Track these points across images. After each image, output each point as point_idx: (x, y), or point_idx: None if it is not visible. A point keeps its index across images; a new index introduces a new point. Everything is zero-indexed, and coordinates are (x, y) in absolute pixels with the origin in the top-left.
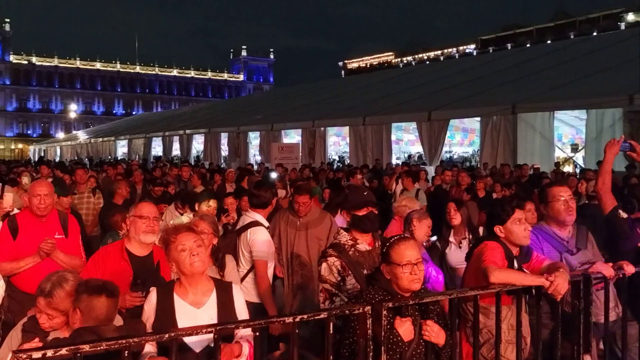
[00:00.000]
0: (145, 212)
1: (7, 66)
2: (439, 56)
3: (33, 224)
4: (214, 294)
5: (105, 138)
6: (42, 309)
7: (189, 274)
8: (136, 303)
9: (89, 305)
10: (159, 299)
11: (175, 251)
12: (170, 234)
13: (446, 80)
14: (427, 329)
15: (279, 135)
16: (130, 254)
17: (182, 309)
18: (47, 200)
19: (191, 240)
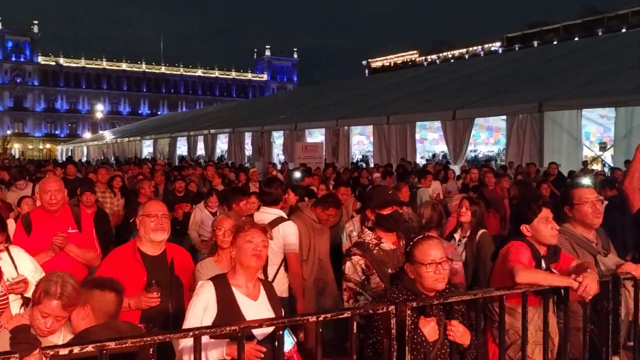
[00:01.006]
0: (153, 210)
1: (36, 67)
2: (463, 54)
3: (46, 220)
4: (262, 289)
5: (131, 138)
6: (52, 312)
7: (245, 266)
8: (152, 304)
9: (100, 300)
10: (218, 291)
11: (242, 239)
12: (246, 224)
13: (471, 79)
14: (451, 329)
15: (303, 134)
16: (143, 254)
17: (242, 301)
18: (58, 196)
19: (260, 238)
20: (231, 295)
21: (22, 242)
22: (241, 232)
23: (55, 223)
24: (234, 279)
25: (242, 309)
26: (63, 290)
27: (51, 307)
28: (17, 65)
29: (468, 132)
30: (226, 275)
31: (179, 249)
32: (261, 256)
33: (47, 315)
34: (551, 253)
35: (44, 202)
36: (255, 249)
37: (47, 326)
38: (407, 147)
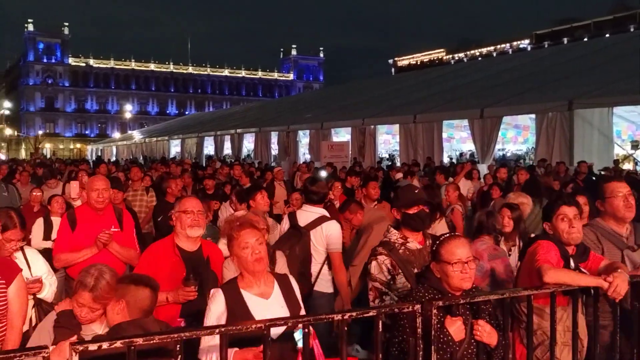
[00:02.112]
0: (189, 207)
1: (66, 68)
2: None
3: (91, 217)
4: (276, 285)
5: (159, 138)
6: (85, 302)
7: (251, 272)
8: (190, 297)
9: (135, 296)
10: (227, 296)
11: (238, 248)
12: (233, 230)
13: (499, 77)
14: (478, 328)
15: (329, 133)
16: (181, 249)
17: (252, 301)
18: (105, 194)
19: (253, 238)
20: (240, 299)
21: (66, 238)
22: (233, 240)
23: (99, 221)
24: (242, 282)
25: (252, 309)
26: (96, 283)
27: (84, 298)
28: (48, 67)
29: (496, 130)
30: (236, 279)
31: (212, 245)
32: (262, 258)
33: (81, 305)
34: (580, 252)
35: (91, 199)
36: (254, 254)
37: (82, 315)
38: (433, 146)
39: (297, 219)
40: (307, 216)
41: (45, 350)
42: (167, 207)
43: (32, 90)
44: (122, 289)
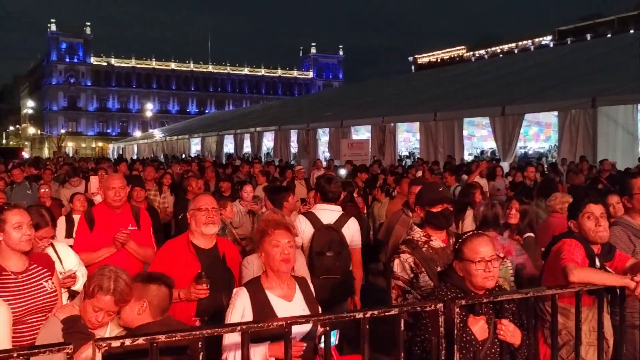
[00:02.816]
0: (203, 204)
1: (88, 68)
2: (513, 49)
3: (108, 216)
4: (298, 288)
5: (179, 136)
6: (105, 306)
7: (276, 271)
8: (201, 295)
9: (158, 296)
10: (252, 296)
11: (268, 244)
12: (269, 226)
13: (521, 74)
14: (502, 328)
15: (349, 131)
16: (196, 247)
17: (276, 303)
18: (122, 193)
19: (286, 240)
20: (265, 299)
21: (85, 237)
22: (266, 236)
23: (116, 219)
24: (267, 282)
25: (277, 311)
26: (116, 286)
27: (104, 302)
28: (71, 66)
29: (518, 128)
30: (260, 279)
31: (228, 242)
32: (290, 259)
33: (99, 310)
34: (606, 251)
35: (108, 198)
36: (283, 253)
37: (99, 320)
38: (454, 144)
39: (318, 218)
40: (328, 215)
41: (69, 347)
42: (187, 205)
43: (55, 89)
44: (142, 289)
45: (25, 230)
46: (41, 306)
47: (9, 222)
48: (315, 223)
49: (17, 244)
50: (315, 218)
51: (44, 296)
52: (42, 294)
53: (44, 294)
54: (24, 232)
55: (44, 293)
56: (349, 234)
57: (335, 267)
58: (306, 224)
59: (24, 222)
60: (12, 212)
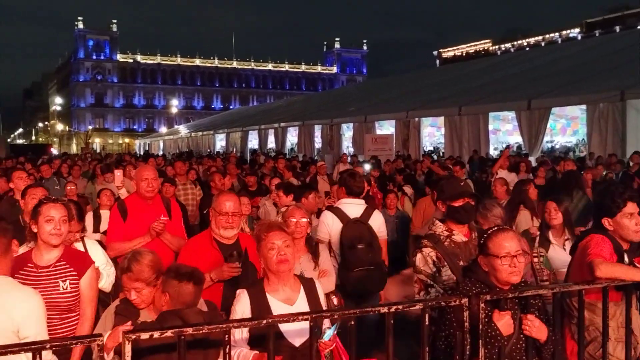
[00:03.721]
0: (223, 208)
1: (115, 65)
2: (539, 42)
3: (141, 206)
4: (302, 291)
5: (204, 132)
6: (127, 285)
7: (275, 272)
8: (234, 273)
9: (177, 291)
10: (252, 299)
11: (265, 248)
12: (262, 231)
13: (547, 67)
14: (527, 323)
15: (373, 126)
16: (219, 242)
17: (277, 307)
18: (154, 184)
19: (281, 240)
20: (265, 304)
21: (118, 227)
22: (261, 241)
23: (149, 210)
24: (269, 286)
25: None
26: (129, 264)
27: (125, 281)
28: (98, 63)
29: (544, 122)
30: (262, 282)
31: (249, 237)
32: (287, 260)
33: (127, 289)
34: (635, 247)
35: (141, 189)
36: (279, 254)
37: (132, 298)
38: (480, 139)
39: (344, 213)
40: (354, 209)
41: (99, 339)
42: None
43: (82, 86)
44: (166, 283)
45: (56, 225)
46: (53, 304)
47: (42, 214)
48: (342, 217)
49: (47, 237)
50: (342, 212)
51: (56, 295)
52: (53, 293)
53: (56, 293)
54: (55, 226)
55: (56, 292)
56: (375, 226)
57: (367, 258)
58: (333, 218)
59: (56, 216)
60: (47, 206)
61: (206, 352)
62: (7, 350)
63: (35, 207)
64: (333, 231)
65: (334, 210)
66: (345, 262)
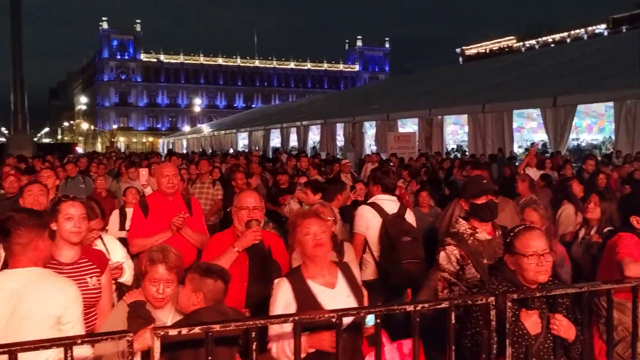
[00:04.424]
0: (244, 203)
1: (139, 64)
2: (565, 38)
3: (162, 203)
4: (340, 274)
5: (227, 130)
6: (160, 276)
7: (311, 257)
8: (258, 237)
9: (213, 291)
10: (294, 286)
11: (300, 234)
12: (297, 218)
13: (573, 64)
14: (555, 322)
15: (395, 124)
16: None
17: (318, 291)
18: (175, 180)
19: (316, 226)
20: (307, 288)
21: (140, 224)
22: (296, 227)
23: (170, 206)
24: (307, 272)
25: (320, 300)
26: (164, 256)
27: (158, 273)
28: (122, 63)
29: (570, 119)
30: (300, 269)
31: (273, 235)
32: (323, 244)
33: (156, 281)
34: None
35: (161, 185)
36: (315, 239)
37: (160, 292)
38: (504, 136)
39: (382, 208)
40: (390, 205)
41: (129, 335)
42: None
43: (107, 86)
44: (199, 281)
45: (76, 223)
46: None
47: (62, 212)
48: (381, 213)
49: (67, 235)
50: (380, 208)
51: (85, 290)
52: (82, 288)
53: (85, 288)
54: (75, 224)
55: (85, 287)
56: (411, 222)
57: (415, 251)
58: (372, 213)
59: (76, 214)
60: (66, 204)
61: (232, 350)
62: (40, 346)
63: (54, 205)
64: (372, 225)
65: (372, 206)
66: (392, 255)
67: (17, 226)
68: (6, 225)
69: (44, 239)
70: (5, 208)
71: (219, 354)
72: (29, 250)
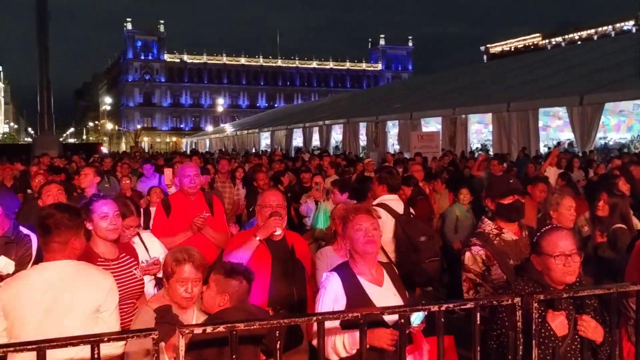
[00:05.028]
0: (268, 201)
1: (162, 65)
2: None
3: (183, 202)
4: (385, 273)
5: (249, 130)
6: (188, 275)
7: (362, 253)
8: (279, 225)
9: (239, 291)
10: (344, 281)
11: (352, 229)
12: (350, 213)
13: (600, 61)
14: (583, 324)
15: (418, 124)
16: (266, 238)
17: (369, 288)
18: (196, 180)
19: (368, 222)
20: (358, 284)
21: (162, 223)
22: (348, 222)
23: (191, 206)
24: (356, 268)
25: (371, 296)
26: (189, 255)
27: (186, 272)
28: (146, 63)
29: (597, 118)
30: (349, 265)
31: (297, 235)
32: (375, 240)
33: (185, 281)
34: None
35: (183, 185)
36: (367, 235)
37: (189, 291)
38: (529, 135)
39: (392, 208)
40: (397, 205)
41: (154, 332)
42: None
43: (131, 86)
44: (224, 283)
45: (111, 220)
46: (129, 294)
47: (96, 212)
48: (392, 213)
49: (104, 233)
50: (389, 208)
51: (134, 284)
52: (132, 282)
53: (134, 281)
54: (110, 222)
55: (134, 281)
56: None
57: (434, 249)
58: (384, 214)
59: (110, 212)
60: (99, 203)
61: (255, 349)
62: (68, 343)
63: (87, 206)
64: (386, 227)
65: (382, 207)
66: (414, 254)
67: (58, 225)
68: (47, 222)
69: (80, 238)
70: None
71: (244, 352)
72: (67, 249)
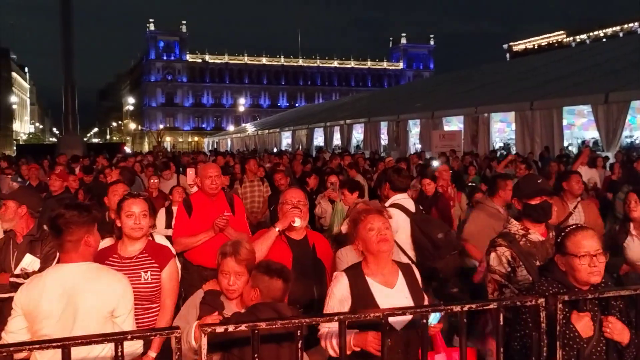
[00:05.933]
0: (289, 199)
1: (184, 65)
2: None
3: (205, 203)
4: (401, 275)
5: (271, 130)
6: (230, 269)
7: (375, 253)
8: (297, 215)
9: (268, 287)
10: (352, 282)
11: (363, 230)
12: (360, 213)
13: (626, 58)
14: (608, 325)
15: (440, 122)
16: (288, 237)
17: (376, 289)
18: (218, 181)
19: (380, 222)
20: (365, 286)
21: (184, 223)
22: (359, 222)
23: (213, 206)
24: (367, 269)
25: (377, 298)
26: (234, 249)
27: (228, 265)
28: (168, 64)
29: (623, 116)
30: (360, 265)
31: (318, 235)
32: (387, 239)
33: (227, 273)
34: None
35: (205, 186)
36: (380, 234)
37: (230, 284)
38: (553, 134)
39: (404, 207)
40: (408, 203)
41: (177, 331)
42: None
43: (154, 86)
44: (255, 277)
45: (136, 219)
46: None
47: (124, 210)
48: (406, 213)
49: (128, 231)
50: (403, 207)
51: (137, 285)
52: (135, 282)
53: (137, 282)
54: (135, 221)
55: (137, 282)
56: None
57: (452, 243)
58: (399, 213)
59: (136, 211)
60: (128, 201)
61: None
62: (92, 341)
63: (119, 203)
64: (401, 226)
65: (396, 206)
66: (436, 251)
67: (68, 224)
68: (57, 223)
69: (94, 234)
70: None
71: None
72: (80, 246)
